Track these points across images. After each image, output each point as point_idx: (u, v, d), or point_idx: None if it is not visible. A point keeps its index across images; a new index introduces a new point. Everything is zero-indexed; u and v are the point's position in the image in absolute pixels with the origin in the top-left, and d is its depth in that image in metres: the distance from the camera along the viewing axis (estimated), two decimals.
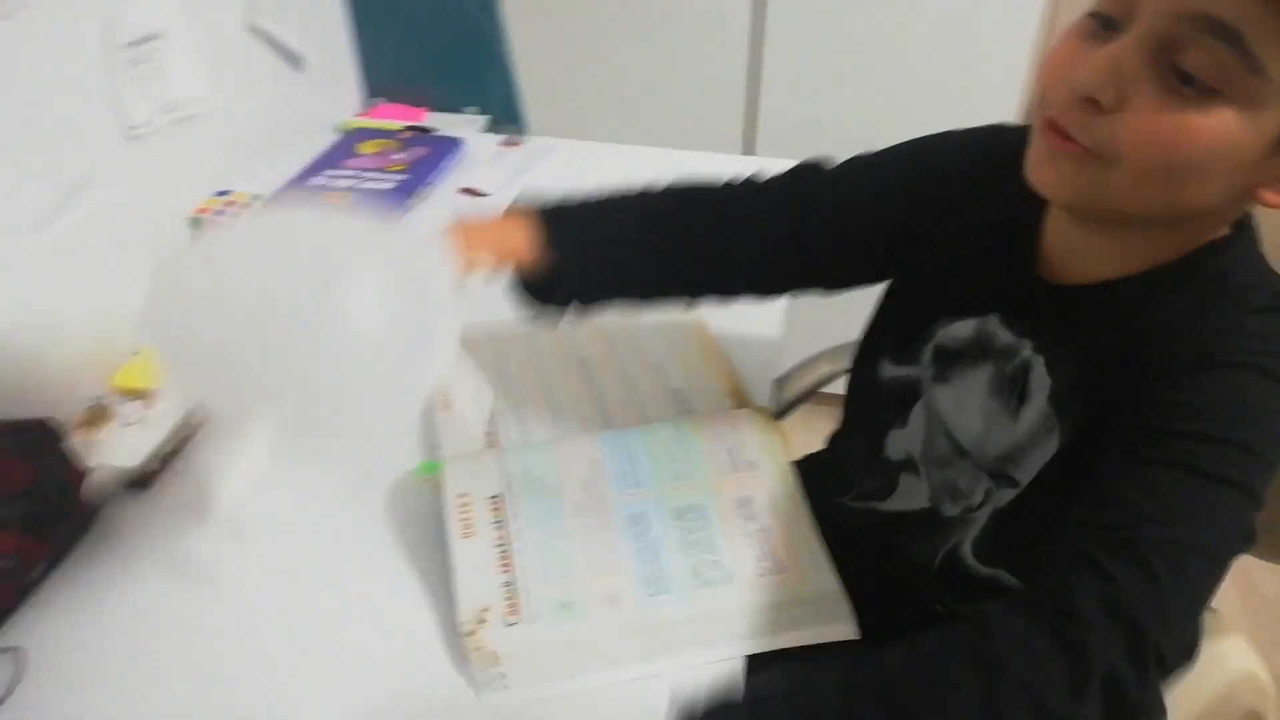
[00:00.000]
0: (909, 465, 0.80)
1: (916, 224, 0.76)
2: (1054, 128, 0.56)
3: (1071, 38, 0.56)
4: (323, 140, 1.21)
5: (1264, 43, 0.48)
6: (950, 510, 0.77)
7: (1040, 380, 0.69)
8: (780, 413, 0.93)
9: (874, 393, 0.81)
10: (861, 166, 0.79)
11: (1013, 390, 0.70)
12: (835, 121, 1.66)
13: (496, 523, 0.73)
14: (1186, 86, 0.50)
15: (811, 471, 0.81)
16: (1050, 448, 0.69)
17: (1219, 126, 0.50)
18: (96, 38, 0.81)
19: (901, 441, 0.80)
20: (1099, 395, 0.65)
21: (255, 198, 0.97)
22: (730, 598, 0.70)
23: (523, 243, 0.72)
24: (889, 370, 0.80)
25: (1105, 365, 0.65)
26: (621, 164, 1.27)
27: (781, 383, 1.01)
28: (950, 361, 0.75)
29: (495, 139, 1.28)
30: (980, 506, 0.75)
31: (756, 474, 0.79)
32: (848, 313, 0.88)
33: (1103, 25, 0.54)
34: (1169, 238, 0.61)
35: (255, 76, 1.06)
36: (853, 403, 0.88)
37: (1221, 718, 0.84)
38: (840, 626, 0.69)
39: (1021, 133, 0.62)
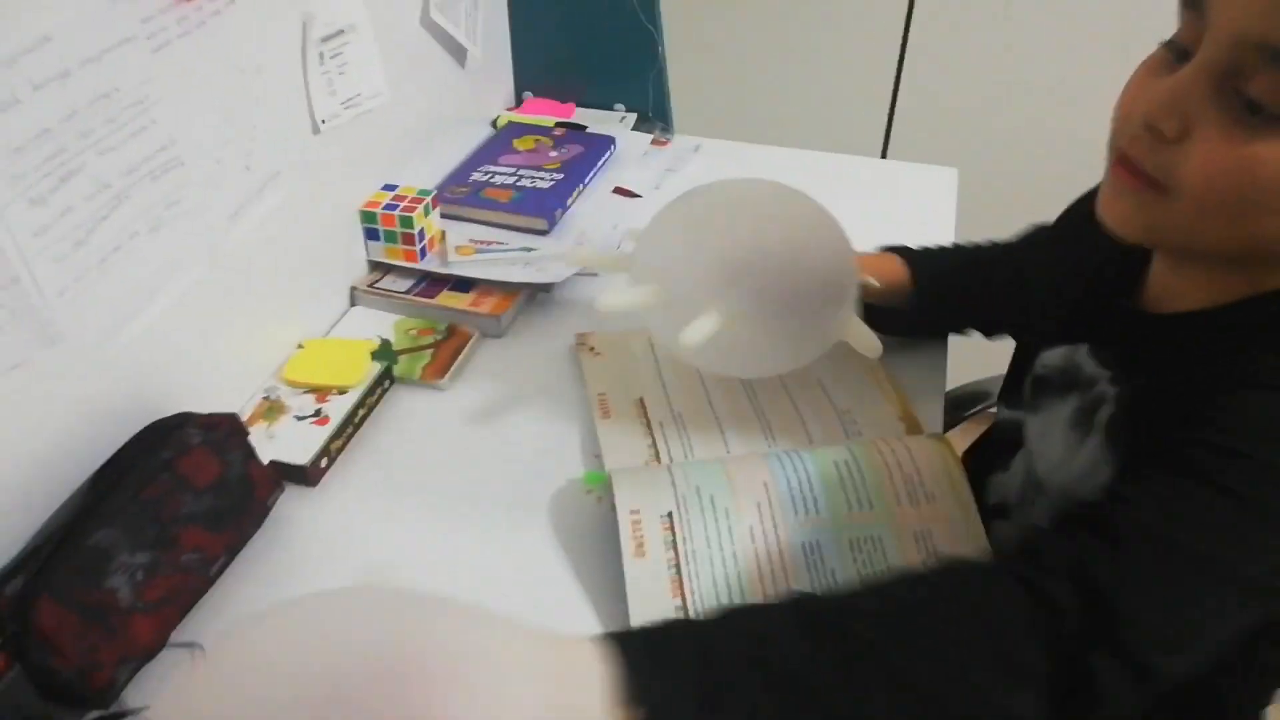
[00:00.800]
0: (1001, 511, 0.78)
1: (1050, 268, 0.79)
2: (1122, 161, 0.55)
3: (1143, 69, 0.55)
4: (479, 134, 1.21)
5: None
6: None
7: (1106, 413, 0.64)
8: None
9: (990, 437, 0.82)
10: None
11: (1086, 423, 0.66)
12: (966, 129, 1.62)
13: (669, 542, 0.71)
14: (1253, 116, 0.49)
15: None
16: (1103, 480, 0.62)
17: None
18: (295, 32, 0.82)
19: (999, 487, 0.78)
20: (1147, 428, 0.59)
21: (422, 192, 0.97)
22: None
23: (896, 276, 0.85)
24: (1003, 413, 0.81)
25: (1160, 399, 0.59)
26: (764, 164, 1.24)
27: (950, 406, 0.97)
28: (1042, 390, 0.72)
29: (645, 137, 1.27)
30: None
31: (935, 506, 0.75)
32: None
33: (1175, 56, 0.53)
34: (1254, 271, 0.57)
35: (425, 70, 1.06)
36: (971, 452, 0.89)
37: None
38: None
39: None
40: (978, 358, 1.05)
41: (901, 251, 0.88)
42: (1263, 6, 0.47)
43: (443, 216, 1.01)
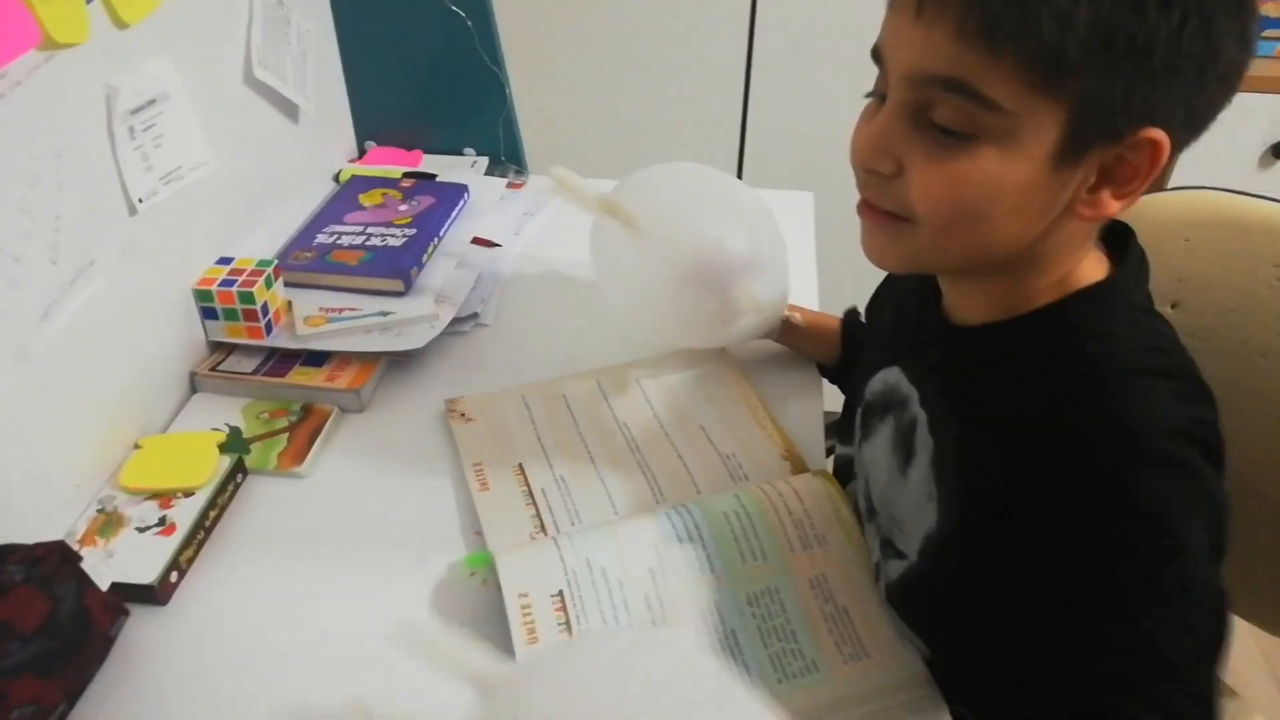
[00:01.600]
0: None
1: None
2: (864, 204, 0.60)
3: (861, 119, 0.60)
4: (321, 191, 1.14)
5: (989, 83, 0.51)
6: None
7: (924, 439, 0.66)
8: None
9: (836, 474, 0.83)
10: None
11: (905, 446, 0.68)
12: (817, 153, 1.64)
13: (561, 625, 0.67)
14: (947, 137, 0.54)
15: None
16: (929, 519, 0.64)
17: (986, 166, 0.53)
18: (99, 108, 0.74)
19: None
20: (978, 473, 0.61)
21: (262, 263, 0.90)
22: (818, 691, 0.66)
23: (832, 335, 0.94)
24: (839, 450, 0.85)
25: (979, 435, 0.61)
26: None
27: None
28: (869, 418, 0.74)
29: (499, 181, 1.22)
30: (876, 580, 0.71)
31: (828, 549, 0.74)
32: None
33: (879, 101, 0.58)
34: (1025, 282, 0.61)
35: (253, 131, 0.99)
36: None
37: None
38: (937, 716, 0.64)
39: None
40: None
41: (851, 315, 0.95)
42: (921, 47, 0.52)
43: (288, 286, 0.94)
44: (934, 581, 0.66)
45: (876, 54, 0.57)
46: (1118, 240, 0.63)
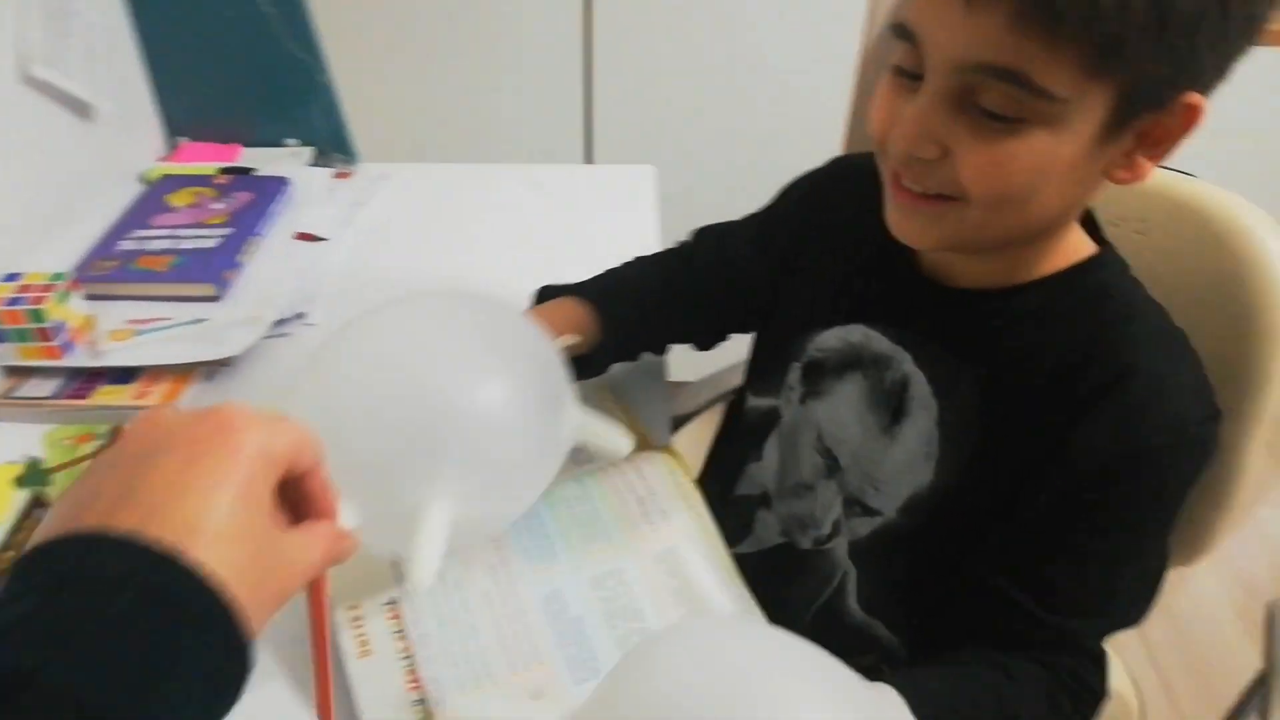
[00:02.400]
0: (762, 501, 0.79)
1: (792, 258, 0.78)
2: (902, 186, 0.59)
3: (886, 90, 0.59)
4: (125, 194, 1.06)
5: (1044, 73, 0.50)
6: (804, 543, 0.75)
7: (924, 399, 0.67)
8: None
9: (735, 429, 0.82)
10: (745, 223, 0.84)
11: (889, 404, 0.69)
12: (667, 125, 1.64)
13: (397, 633, 0.64)
14: (994, 121, 0.53)
15: None
16: (922, 477, 0.67)
17: (1037, 147, 0.53)
18: None
19: (756, 476, 0.79)
20: (999, 432, 0.64)
21: (55, 277, 0.83)
22: None
23: (580, 322, 0.78)
24: (750, 402, 0.80)
25: (1006, 394, 0.64)
26: (461, 184, 1.19)
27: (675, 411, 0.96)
28: (818, 375, 0.74)
29: (325, 172, 1.17)
30: (831, 538, 0.73)
31: (671, 523, 0.73)
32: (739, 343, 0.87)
33: (907, 78, 0.57)
34: (1039, 248, 0.63)
35: (36, 136, 0.91)
36: (715, 445, 0.88)
37: None
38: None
39: (867, 158, 0.65)
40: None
41: (571, 292, 0.81)
42: (972, 35, 0.51)
43: (91, 299, 0.88)
44: (915, 538, 0.68)
45: (904, 31, 0.55)
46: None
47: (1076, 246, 0.64)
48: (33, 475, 0.76)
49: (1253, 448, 0.79)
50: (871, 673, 0.73)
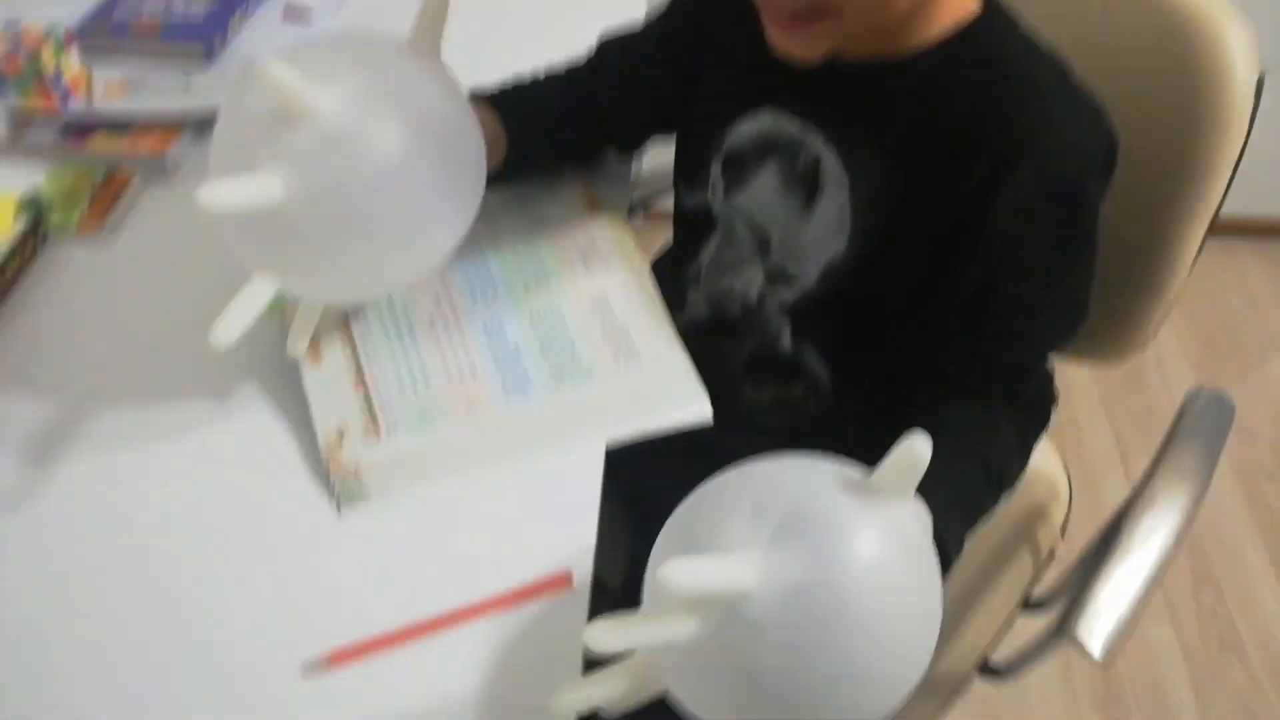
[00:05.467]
0: (694, 281, 0.82)
1: (697, 57, 0.79)
2: (773, 11, 0.63)
3: None
4: None
5: None
6: (735, 313, 0.79)
7: (835, 175, 0.71)
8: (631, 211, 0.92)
9: (682, 226, 0.85)
10: (648, 30, 0.83)
11: (803, 185, 0.72)
12: None
13: (346, 345, 0.72)
14: None
15: None
16: (837, 247, 0.72)
17: None
18: None
19: (696, 264, 0.82)
20: (911, 201, 0.68)
21: (51, 26, 0.88)
22: (589, 392, 0.72)
23: (490, 129, 0.75)
24: (686, 200, 0.82)
25: (913, 162, 0.68)
26: None
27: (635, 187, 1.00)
28: (738, 166, 0.76)
29: None
30: (761, 303, 0.77)
31: (610, 271, 0.79)
32: None
33: None
34: (922, 17, 0.65)
35: None
36: (674, 233, 0.89)
37: (1008, 509, 0.91)
38: (696, 409, 0.71)
39: None
40: None
41: (490, 100, 0.79)
42: None
43: (86, 52, 0.93)
44: (831, 302, 0.74)
45: None
46: None
47: (958, 7, 0.66)
48: (32, 203, 0.83)
49: (1193, 237, 0.83)
50: (801, 405, 0.80)
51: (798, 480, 0.49)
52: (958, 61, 0.66)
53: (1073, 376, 1.72)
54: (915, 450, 0.45)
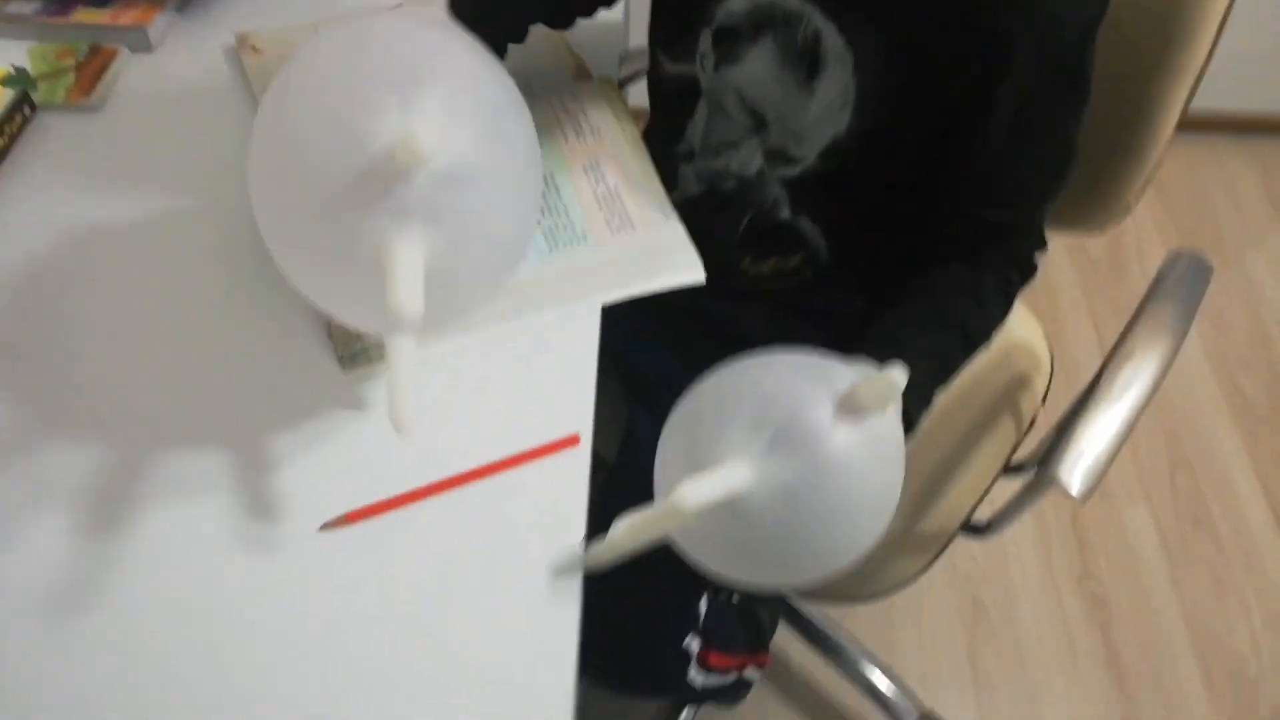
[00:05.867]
0: (686, 157, 0.81)
1: None
2: None
3: None
4: None
5: None
6: (730, 188, 0.79)
7: (837, 51, 0.70)
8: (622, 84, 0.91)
9: (661, 94, 0.82)
10: None
11: (802, 61, 0.71)
12: None
13: None
14: None
15: None
16: (840, 123, 0.71)
17: None
18: None
19: (686, 140, 0.81)
20: (915, 79, 0.68)
21: None
22: (584, 256, 0.73)
23: None
24: (668, 67, 0.80)
25: (916, 40, 0.67)
26: None
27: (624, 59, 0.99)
28: (730, 41, 0.74)
29: None
30: (760, 179, 0.77)
31: (601, 138, 0.79)
32: None
33: None
34: None
35: None
36: (651, 100, 0.87)
37: (993, 376, 0.95)
38: (690, 271, 0.72)
39: None
40: None
41: None
42: None
43: None
44: (830, 176, 0.74)
45: None
46: None
47: None
48: (19, 78, 0.82)
49: (1175, 101, 0.83)
50: (798, 273, 0.81)
51: (790, 391, 0.55)
52: None
53: (1056, 267, 1.75)
54: (894, 379, 0.52)
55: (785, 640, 1.27)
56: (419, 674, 0.54)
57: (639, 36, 1.01)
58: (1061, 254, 1.78)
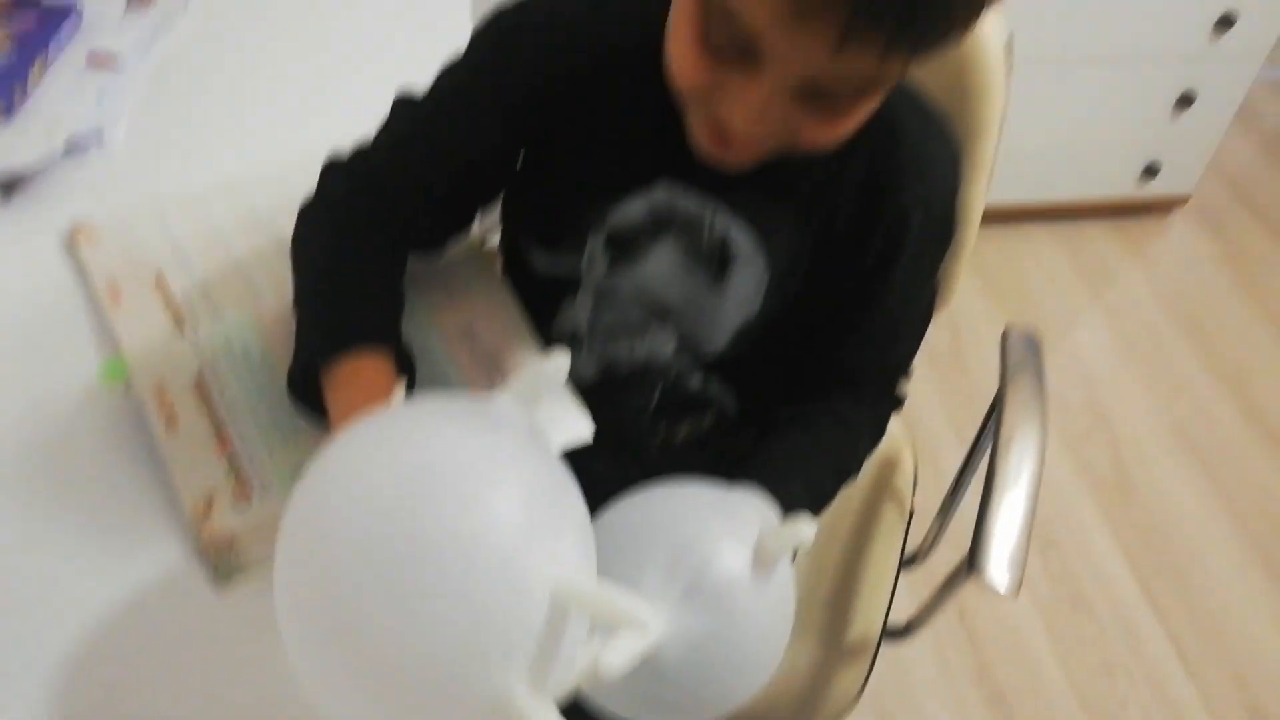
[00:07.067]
0: (573, 342, 0.79)
1: (545, 124, 0.70)
2: (719, 138, 0.59)
3: (696, 46, 0.54)
4: None
5: (890, 75, 0.53)
6: (636, 370, 0.79)
7: (748, 249, 0.70)
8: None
9: (530, 280, 0.77)
10: (451, 93, 0.71)
11: (712, 260, 0.71)
12: None
13: (203, 408, 0.67)
14: (839, 100, 0.55)
15: None
16: (750, 310, 0.73)
17: (869, 104, 0.57)
18: None
19: (566, 322, 0.79)
20: (823, 259, 0.71)
21: None
22: None
23: (385, 371, 0.64)
24: (543, 260, 0.76)
25: (821, 223, 0.70)
26: (285, 6, 1.15)
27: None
28: (630, 243, 0.72)
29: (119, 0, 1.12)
30: (671, 360, 0.78)
31: (474, 300, 0.77)
32: None
33: (734, 52, 0.53)
34: None
35: None
36: (513, 281, 0.80)
37: (869, 479, 1.01)
38: (577, 428, 0.70)
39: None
40: None
41: (347, 346, 0.65)
42: (833, 66, 0.50)
43: None
44: (742, 355, 0.75)
45: (742, 37, 0.51)
46: None
47: None
48: None
49: (978, 193, 0.90)
50: (709, 433, 0.82)
51: (701, 536, 0.55)
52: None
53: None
54: (801, 532, 0.54)
55: None
56: None
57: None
58: None
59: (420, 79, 0.75)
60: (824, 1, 0.46)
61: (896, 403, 0.80)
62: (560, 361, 0.49)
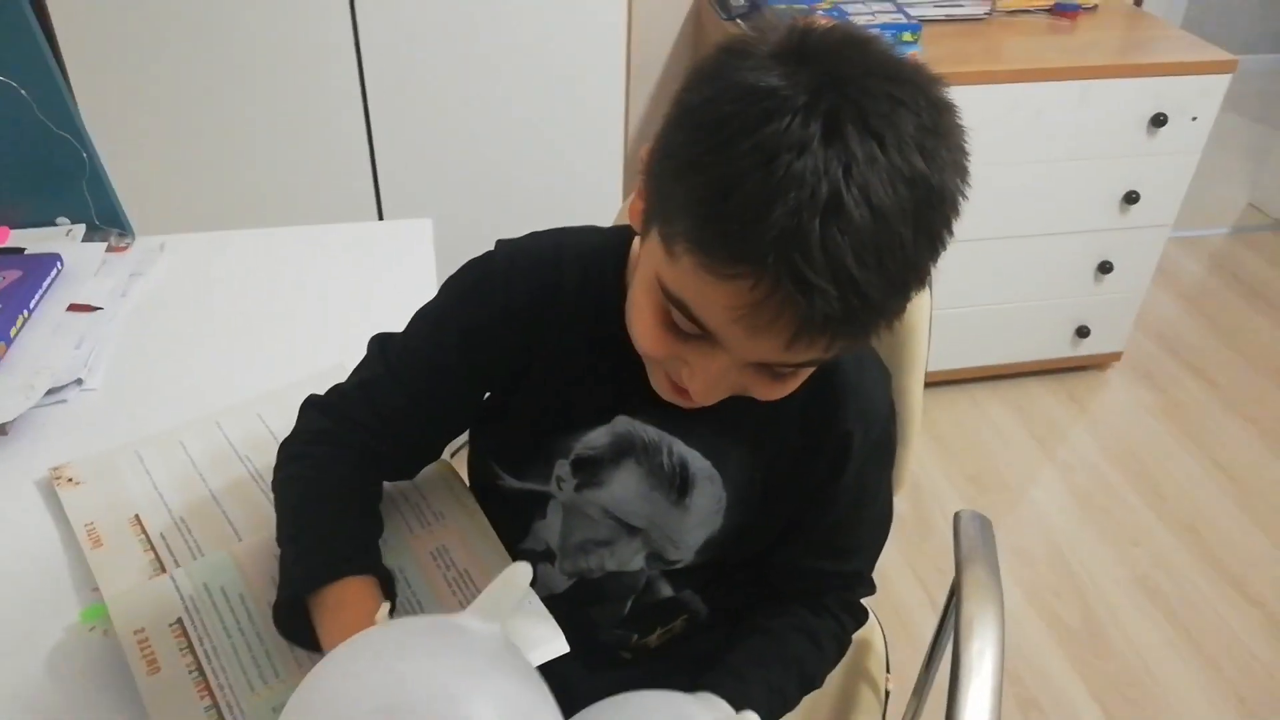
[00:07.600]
0: (545, 556, 0.82)
1: (513, 367, 0.74)
2: (679, 390, 0.64)
3: (657, 320, 0.60)
4: None
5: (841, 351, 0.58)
6: (605, 582, 0.82)
7: (705, 472, 0.75)
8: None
9: (499, 499, 0.81)
10: (420, 339, 0.75)
11: (673, 482, 0.76)
12: (447, 177, 1.72)
13: (184, 649, 0.69)
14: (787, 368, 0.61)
15: None
16: (713, 527, 0.78)
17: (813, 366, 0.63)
18: None
19: (538, 538, 0.82)
20: (775, 478, 0.76)
21: None
22: None
23: (370, 594, 0.68)
24: (511, 483, 0.80)
25: (773, 447, 0.75)
26: (240, 249, 1.23)
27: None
28: (595, 467, 0.76)
29: (99, 246, 1.19)
30: (640, 572, 0.82)
31: (446, 522, 0.80)
32: None
33: (686, 320, 0.58)
34: None
35: None
36: (483, 498, 0.83)
37: (846, 662, 1.00)
38: (553, 644, 0.72)
39: (543, 244, 0.71)
40: None
41: (330, 577, 0.69)
42: (783, 355, 0.56)
43: None
44: (707, 567, 0.80)
45: (697, 324, 0.57)
46: None
47: None
48: None
49: (914, 389, 0.97)
50: (681, 636, 0.86)
51: None
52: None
53: None
54: None
55: None
56: None
57: None
58: None
59: (385, 317, 0.82)
60: (771, 319, 0.53)
61: (859, 614, 0.84)
62: (523, 572, 0.52)
